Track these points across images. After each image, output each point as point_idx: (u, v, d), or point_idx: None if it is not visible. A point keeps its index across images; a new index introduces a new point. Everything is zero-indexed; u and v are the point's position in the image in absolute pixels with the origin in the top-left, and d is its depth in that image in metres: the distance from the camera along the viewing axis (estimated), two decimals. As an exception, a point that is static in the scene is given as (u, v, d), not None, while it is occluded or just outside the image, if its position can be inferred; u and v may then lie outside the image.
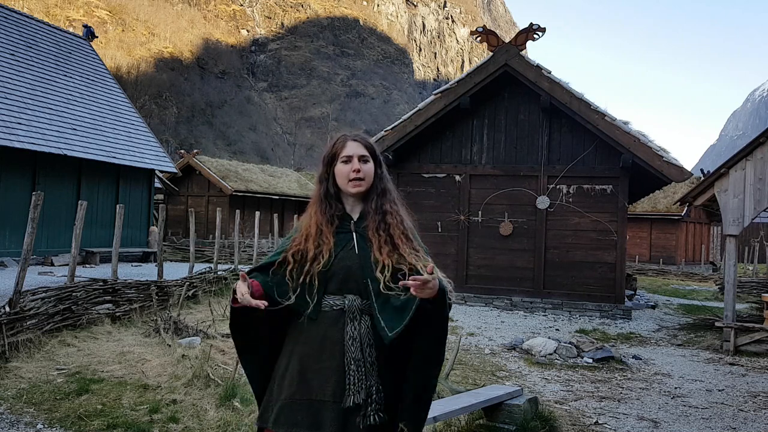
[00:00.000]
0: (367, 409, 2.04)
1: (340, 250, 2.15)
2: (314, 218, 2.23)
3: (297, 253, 2.17)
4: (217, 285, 11.41)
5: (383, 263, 2.10)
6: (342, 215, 2.24)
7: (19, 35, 17.55)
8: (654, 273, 23.78)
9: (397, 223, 2.19)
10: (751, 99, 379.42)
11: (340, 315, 2.11)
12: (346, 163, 2.21)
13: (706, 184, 9.12)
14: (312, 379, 2.08)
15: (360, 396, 2.04)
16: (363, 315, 2.12)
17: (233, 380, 5.03)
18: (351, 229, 2.20)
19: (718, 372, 7.33)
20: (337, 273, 2.13)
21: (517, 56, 11.33)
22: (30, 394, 4.85)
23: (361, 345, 2.08)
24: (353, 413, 2.04)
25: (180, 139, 78.56)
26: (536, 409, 4.80)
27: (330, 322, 2.11)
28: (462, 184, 12.14)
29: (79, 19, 75.68)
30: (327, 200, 2.25)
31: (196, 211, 15.85)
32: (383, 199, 2.24)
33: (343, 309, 2.12)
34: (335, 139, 2.30)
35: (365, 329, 2.10)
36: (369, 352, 2.09)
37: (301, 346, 2.13)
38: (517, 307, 11.57)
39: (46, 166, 15.60)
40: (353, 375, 2.06)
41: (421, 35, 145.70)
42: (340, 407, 2.04)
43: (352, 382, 2.05)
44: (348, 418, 2.04)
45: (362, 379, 2.06)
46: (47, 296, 6.90)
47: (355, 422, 2.03)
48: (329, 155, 2.27)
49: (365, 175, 2.21)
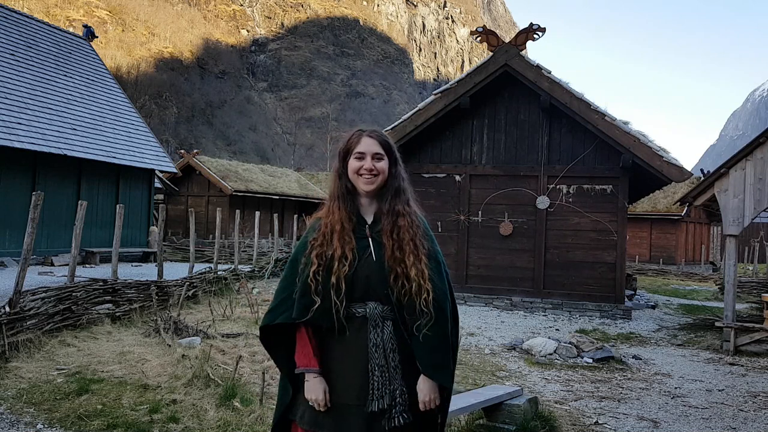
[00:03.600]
0: (392, 411, 2.06)
1: (359, 259, 2.12)
2: (337, 215, 2.17)
3: (321, 255, 2.13)
4: (217, 285, 11.41)
5: (396, 272, 2.10)
6: (357, 216, 2.20)
7: (19, 35, 17.55)
8: (654, 273, 23.78)
9: (407, 227, 2.15)
10: (751, 99, 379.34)
11: (363, 322, 2.12)
12: (359, 159, 2.18)
13: (706, 184, 9.11)
14: (335, 384, 2.10)
15: (384, 401, 2.06)
16: (385, 321, 2.12)
17: (233, 380, 5.03)
18: (367, 234, 2.18)
19: (718, 372, 7.33)
20: (358, 282, 2.12)
21: (517, 56, 11.33)
22: (30, 394, 4.85)
23: (384, 351, 2.10)
24: (378, 416, 2.06)
25: (180, 139, 78.54)
26: (536, 409, 4.80)
27: (354, 329, 2.12)
28: (462, 184, 12.14)
29: (79, 19, 75.66)
30: (348, 196, 2.21)
31: (196, 211, 15.85)
32: (396, 200, 2.20)
33: (365, 316, 2.12)
34: (351, 133, 2.26)
35: (388, 335, 2.11)
36: (392, 357, 2.10)
37: (326, 351, 2.15)
38: (517, 307, 11.56)
39: (46, 166, 15.60)
40: (377, 381, 2.08)
41: (421, 35, 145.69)
42: (364, 411, 2.06)
43: (376, 388, 2.07)
44: (373, 422, 2.06)
45: (386, 384, 2.08)
46: (47, 296, 6.90)
47: (381, 425, 2.05)
48: (344, 150, 2.24)
49: (378, 172, 2.18)
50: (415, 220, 2.20)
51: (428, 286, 2.08)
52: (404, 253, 2.11)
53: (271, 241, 20.11)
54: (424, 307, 2.07)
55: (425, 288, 2.08)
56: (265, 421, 4.38)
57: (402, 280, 2.09)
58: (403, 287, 2.09)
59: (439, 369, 2.10)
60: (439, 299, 2.10)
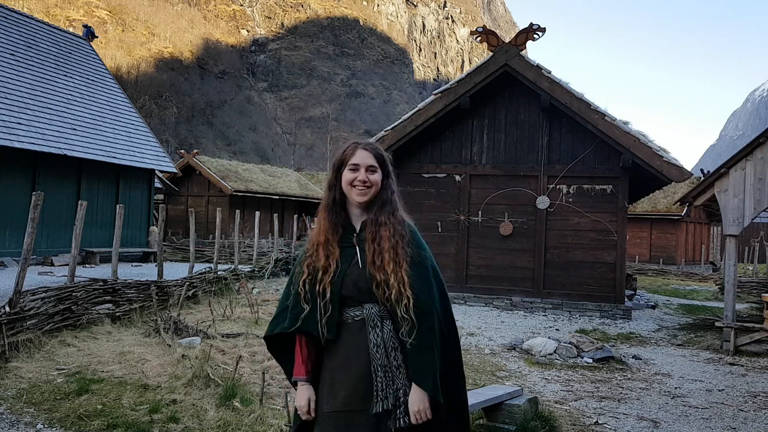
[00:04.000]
0: (397, 411, 2.07)
1: (347, 266, 2.17)
2: (323, 226, 2.25)
3: (311, 265, 2.21)
4: (217, 285, 11.40)
5: (377, 279, 2.12)
6: (345, 225, 2.25)
7: (19, 35, 17.55)
8: (654, 273, 23.78)
9: (389, 236, 2.17)
10: (751, 99, 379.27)
11: (362, 324, 2.15)
12: (353, 171, 2.22)
13: (706, 184, 9.11)
14: (339, 390, 2.12)
15: (388, 402, 2.08)
16: (384, 321, 2.14)
17: (233, 380, 5.03)
18: (354, 243, 2.22)
19: (718, 372, 7.33)
20: (349, 288, 2.16)
21: (517, 56, 11.33)
22: (30, 394, 4.85)
23: (386, 350, 2.12)
24: (384, 417, 2.08)
25: (180, 139, 78.54)
26: (536, 409, 4.80)
27: (353, 333, 2.14)
28: (462, 184, 12.14)
29: (79, 19, 75.66)
30: (333, 208, 2.26)
31: (196, 211, 15.85)
32: (381, 210, 2.23)
33: (363, 318, 2.15)
34: (346, 145, 2.32)
35: (388, 333, 2.13)
36: (394, 355, 2.12)
37: (330, 359, 2.19)
38: (517, 307, 11.56)
39: (46, 166, 15.60)
40: (380, 381, 2.09)
41: (421, 35, 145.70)
42: (369, 413, 2.07)
43: (380, 389, 2.09)
44: (379, 423, 2.08)
45: (389, 384, 2.09)
46: (47, 296, 6.90)
47: (387, 426, 2.07)
48: (338, 161, 2.28)
49: (372, 184, 2.22)
50: (399, 228, 2.20)
51: (408, 293, 2.08)
52: (384, 260, 2.12)
53: (271, 241, 20.12)
54: (405, 314, 2.08)
55: (405, 295, 2.08)
56: (265, 421, 4.38)
57: (383, 287, 2.11)
58: (384, 293, 2.11)
59: (422, 375, 2.08)
60: (421, 306, 2.10)
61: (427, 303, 2.13)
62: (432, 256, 2.28)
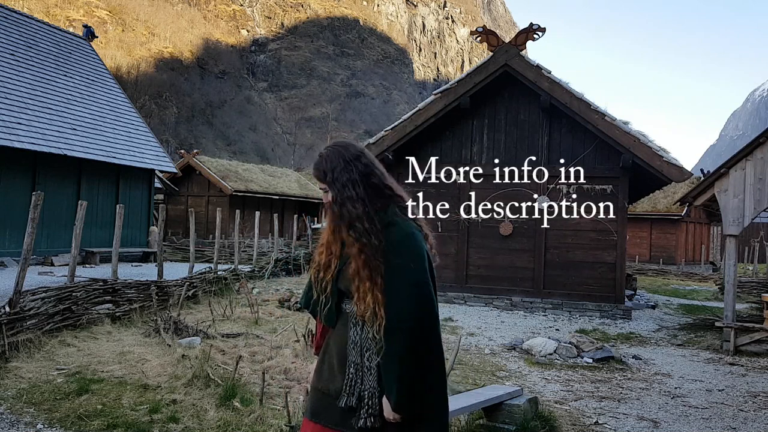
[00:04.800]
0: (360, 411, 2.09)
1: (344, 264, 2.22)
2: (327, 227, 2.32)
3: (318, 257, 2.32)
4: (217, 285, 11.40)
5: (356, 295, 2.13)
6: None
7: (19, 35, 17.55)
8: (654, 273, 23.77)
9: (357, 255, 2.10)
10: (751, 99, 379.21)
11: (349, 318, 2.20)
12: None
13: (706, 184, 9.12)
14: (325, 371, 2.23)
15: (353, 399, 2.11)
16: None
17: (233, 380, 5.03)
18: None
19: (718, 372, 7.33)
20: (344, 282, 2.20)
21: (517, 56, 11.33)
22: (30, 394, 4.85)
23: (361, 350, 2.14)
24: (349, 413, 2.12)
25: (180, 139, 78.51)
26: (536, 409, 4.80)
27: (344, 324, 2.20)
28: (462, 184, 12.12)
29: (79, 19, 75.62)
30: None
31: (196, 211, 15.85)
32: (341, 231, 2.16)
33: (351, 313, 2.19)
34: None
35: (365, 334, 2.13)
36: (368, 356, 2.13)
37: (327, 342, 2.30)
38: (517, 307, 11.56)
39: (46, 166, 15.60)
40: (351, 377, 2.14)
41: (421, 35, 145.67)
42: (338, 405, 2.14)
43: (348, 384, 2.13)
44: (346, 416, 2.13)
45: (357, 383, 2.12)
46: (47, 296, 6.90)
47: (351, 423, 2.12)
48: None
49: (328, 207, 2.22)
50: (367, 241, 2.10)
51: (382, 313, 2.05)
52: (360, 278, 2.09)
53: (271, 241, 20.10)
54: (377, 334, 2.07)
55: (379, 315, 2.05)
56: (265, 421, 4.39)
57: (361, 304, 2.10)
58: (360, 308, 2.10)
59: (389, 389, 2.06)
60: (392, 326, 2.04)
61: (399, 322, 2.04)
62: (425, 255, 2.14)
